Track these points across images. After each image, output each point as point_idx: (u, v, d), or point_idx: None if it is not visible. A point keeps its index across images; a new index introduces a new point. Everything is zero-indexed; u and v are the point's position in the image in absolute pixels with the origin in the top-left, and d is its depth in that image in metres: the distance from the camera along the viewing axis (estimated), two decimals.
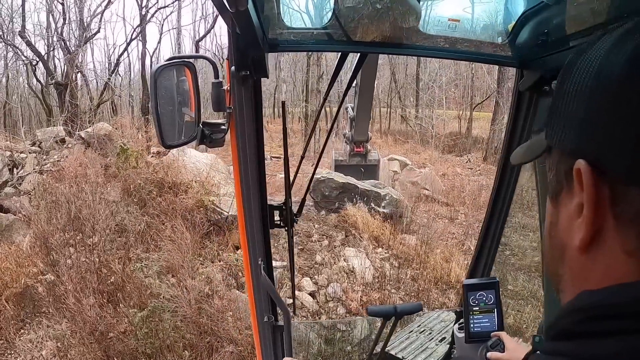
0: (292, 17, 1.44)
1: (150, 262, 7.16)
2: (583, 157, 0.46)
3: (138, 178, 8.49)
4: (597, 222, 0.45)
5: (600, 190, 0.45)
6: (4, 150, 8.64)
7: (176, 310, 6.45)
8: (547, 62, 1.35)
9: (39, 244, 7.12)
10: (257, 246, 1.62)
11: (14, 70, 14.37)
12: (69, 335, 6.13)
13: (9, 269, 6.64)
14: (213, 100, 1.34)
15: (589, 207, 0.45)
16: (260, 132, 1.52)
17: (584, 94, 0.47)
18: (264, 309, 1.73)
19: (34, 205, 7.88)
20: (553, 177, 0.53)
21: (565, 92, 0.50)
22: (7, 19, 12.35)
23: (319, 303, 7.37)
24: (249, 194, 1.51)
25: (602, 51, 0.46)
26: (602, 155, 0.44)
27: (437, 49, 1.47)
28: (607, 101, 0.44)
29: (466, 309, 1.68)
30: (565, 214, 0.50)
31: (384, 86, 20.04)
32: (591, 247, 0.46)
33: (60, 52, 13.43)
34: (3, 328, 6.09)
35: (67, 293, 6.40)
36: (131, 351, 6.13)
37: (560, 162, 0.51)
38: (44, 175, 8.50)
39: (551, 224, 0.54)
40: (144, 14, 14.04)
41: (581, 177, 0.46)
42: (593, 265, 0.47)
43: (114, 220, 7.63)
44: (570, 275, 0.51)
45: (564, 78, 0.52)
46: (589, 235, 0.46)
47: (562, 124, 0.50)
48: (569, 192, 0.49)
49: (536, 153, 0.58)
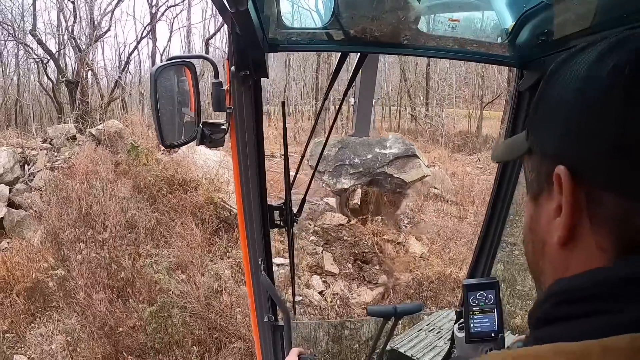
0: (292, 17, 1.44)
1: (159, 258, 7.25)
2: (562, 163, 0.48)
3: (148, 175, 8.60)
4: (574, 223, 0.49)
5: (577, 194, 0.48)
6: (16, 147, 8.80)
7: (185, 306, 6.53)
8: (547, 62, 1.35)
9: (50, 240, 7.24)
10: (257, 246, 1.62)
11: (25, 68, 14.58)
12: (79, 330, 6.24)
13: (20, 263, 6.77)
14: (213, 100, 1.34)
15: (567, 210, 0.49)
16: (261, 132, 1.52)
17: (565, 104, 0.49)
18: (264, 309, 1.74)
19: (45, 201, 8.01)
20: (534, 179, 0.56)
21: (548, 99, 0.53)
22: (18, 18, 12.57)
23: (326, 301, 7.40)
24: (249, 194, 1.52)
25: (585, 64, 0.49)
26: (581, 162, 0.47)
27: (437, 48, 1.47)
28: (587, 112, 0.47)
29: (466, 309, 1.68)
30: (545, 213, 0.53)
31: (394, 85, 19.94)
32: (569, 243, 0.50)
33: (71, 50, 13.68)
34: (14, 322, 6.21)
35: (77, 288, 6.51)
36: (140, 346, 6.22)
37: (541, 166, 0.54)
38: (55, 171, 8.64)
39: (532, 221, 0.57)
40: (154, 13, 14.18)
41: (560, 182, 0.49)
42: (571, 258, 0.50)
43: (125, 216, 7.74)
44: (551, 267, 0.54)
45: (547, 85, 0.54)
46: (566, 234, 0.49)
47: (544, 129, 0.53)
48: (549, 194, 0.52)
49: (517, 154, 0.61)
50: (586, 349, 0.40)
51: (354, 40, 1.43)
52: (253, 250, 1.61)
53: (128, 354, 6.18)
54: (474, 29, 1.45)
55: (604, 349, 0.40)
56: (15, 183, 8.18)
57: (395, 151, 9.31)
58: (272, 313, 1.78)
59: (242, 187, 1.50)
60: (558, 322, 0.47)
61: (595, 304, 0.44)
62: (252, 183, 1.52)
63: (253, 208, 1.55)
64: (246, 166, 1.48)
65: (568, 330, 0.45)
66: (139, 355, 6.23)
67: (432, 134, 16.71)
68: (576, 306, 0.46)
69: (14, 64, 14.39)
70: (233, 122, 1.39)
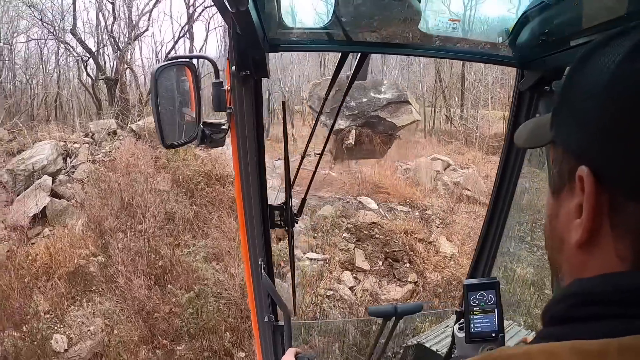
0: (292, 17, 1.45)
1: (197, 248, 7.53)
2: (587, 163, 0.46)
3: (187, 170, 8.93)
4: (594, 227, 0.47)
5: (600, 199, 0.46)
6: (58, 141, 9.34)
7: (220, 294, 6.75)
8: (547, 62, 1.32)
9: (92, 228, 7.65)
10: (257, 246, 1.63)
11: (64, 66, 15.39)
12: (118, 312, 6.56)
13: (62, 249, 7.19)
14: (214, 100, 1.36)
15: (588, 214, 0.47)
16: (261, 132, 1.53)
17: (593, 99, 0.46)
18: (265, 309, 1.74)
19: (86, 192, 8.47)
20: (556, 172, 0.54)
21: (575, 90, 0.50)
22: (58, 17, 13.31)
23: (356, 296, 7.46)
24: (249, 193, 1.53)
25: (617, 56, 0.45)
26: (606, 165, 0.45)
27: (437, 48, 1.45)
28: (616, 113, 0.44)
29: (466, 309, 1.67)
30: (565, 210, 0.52)
31: (429, 85, 19.51)
32: (588, 246, 0.48)
33: (110, 48, 14.35)
34: (55, 303, 6.62)
35: (117, 273, 6.85)
36: (175, 330, 6.49)
37: (564, 161, 0.52)
38: (96, 164, 9.11)
39: (551, 216, 0.56)
40: (191, 13, 14.56)
41: (583, 183, 0.47)
42: (589, 260, 0.49)
43: (164, 208, 8.07)
44: (569, 265, 0.53)
45: (576, 73, 0.51)
46: (585, 238, 0.48)
47: (568, 122, 0.51)
48: (570, 191, 0.50)
49: (541, 142, 0.59)
50: (604, 348, 0.40)
51: (354, 40, 1.43)
52: (253, 250, 1.62)
53: (163, 338, 6.47)
54: (474, 29, 1.43)
55: (622, 348, 0.39)
56: (57, 174, 8.69)
57: (389, 96, 9.70)
58: (272, 313, 1.78)
59: (243, 187, 1.51)
60: (574, 322, 0.46)
61: (612, 307, 0.44)
62: (253, 183, 1.53)
63: (253, 208, 1.56)
64: (246, 166, 1.49)
65: (584, 330, 0.44)
66: (173, 340, 6.52)
67: (466, 135, 16.21)
68: (593, 308, 0.45)
69: (53, 62, 15.24)
70: (233, 122, 1.41)
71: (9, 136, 9.72)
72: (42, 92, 14.75)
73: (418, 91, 18.32)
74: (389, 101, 9.81)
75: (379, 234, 8.86)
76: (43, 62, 15.12)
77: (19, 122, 10.28)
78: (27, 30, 14.05)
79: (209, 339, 6.41)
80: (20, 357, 5.89)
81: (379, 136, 10.12)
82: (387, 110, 9.85)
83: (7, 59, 13.96)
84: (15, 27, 14.08)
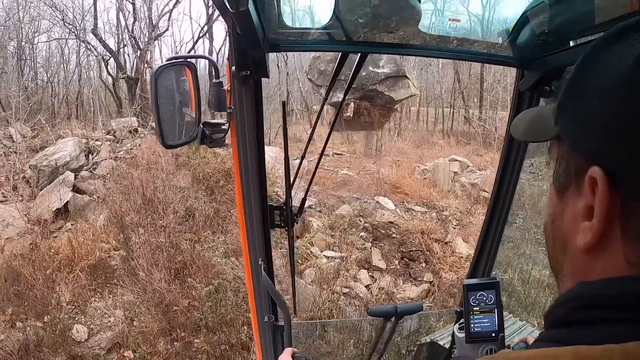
0: (292, 17, 1.46)
1: (216, 244, 7.66)
2: (599, 164, 0.44)
3: (207, 167, 9.09)
4: (605, 231, 0.45)
5: (613, 202, 0.44)
6: (81, 138, 9.61)
7: (239, 289, 6.84)
8: (547, 62, 1.30)
9: (114, 222, 7.86)
10: (257, 246, 1.64)
11: (85, 65, 15.79)
12: (139, 304, 6.73)
13: (85, 243, 7.41)
14: (214, 100, 1.37)
15: (600, 217, 0.45)
16: (261, 132, 1.53)
17: (610, 96, 0.44)
18: (265, 309, 1.75)
19: (108, 187, 8.70)
20: (562, 170, 0.51)
21: (587, 83, 0.47)
22: (79, 17, 13.69)
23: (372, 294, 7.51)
24: (249, 193, 1.54)
25: (629, 56, 0.43)
26: (621, 167, 0.43)
27: (437, 48, 1.44)
28: (635, 111, 0.41)
29: (466, 309, 1.66)
30: (570, 211, 0.49)
31: (447, 86, 19.23)
32: (595, 249, 0.46)
33: (130, 48, 14.66)
34: (76, 295, 6.82)
35: (138, 267, 7.02)
36: (193, 323, 6.62)
37: (571, 159, 0.49)
38: (118, 161, 9.35)
39: (555, 216, 0.53)
40: (211, 13, 14.70)
41: (595, 185, 0.44)
42: (595, 264, 0.47)
43: (184, 204, 8.23)
44: (571, 266, 0.51)
45: (589, 65, 0.48)
46: (594, 241, 0.46)
47: (579, 119, 0.48)
48: (577, 191, 0.48)
49: (543, 137, 0.56)
50: (607, 354, 0.39)
51: (354, 40, 1.43)
52: (253, 250, 1.63)
53: (181, 330, 6.61)
54: (475, 29, 1.41)
55: (625, 354, 0.38)
56: (79, 170, 8.94)
57: (387, 71, 9.75)
58: (272, 313, 1.79)
59: (243, 187, 1.52)
60: (577, 326, 0.45)
61: (615, 311, 0.43)
62: (253, 183, 1.54)
63: (253, 208, 1.57)
64: (246, 166, 1.50)
65: (588, 334, 0.43)
66: (192, 332, 6.64)
67: (484, 137, 15.92)
68: (596, 312, 0.44)
69: (74, 61, 15.64)
70: (233, 122, 1.42)
71: (31, 133, 10.03)
72: (63, 91, 15.16)
73: (437, 92, 18.10)
74: (387, 75, 9.90)
75: (395, 233, 8.84)
76: (64, 62, 15.54)
77: (42, 120, 10.57)
78: (48, 30, 14.51)
79: (227, 332, 6.51)
80: (42, 345, 6.09)
81: (377, 109, 10.28)
82: (385, 84, 9.97)
83: (28, 58, 14.39)
84: (37, 27, 14.55)
